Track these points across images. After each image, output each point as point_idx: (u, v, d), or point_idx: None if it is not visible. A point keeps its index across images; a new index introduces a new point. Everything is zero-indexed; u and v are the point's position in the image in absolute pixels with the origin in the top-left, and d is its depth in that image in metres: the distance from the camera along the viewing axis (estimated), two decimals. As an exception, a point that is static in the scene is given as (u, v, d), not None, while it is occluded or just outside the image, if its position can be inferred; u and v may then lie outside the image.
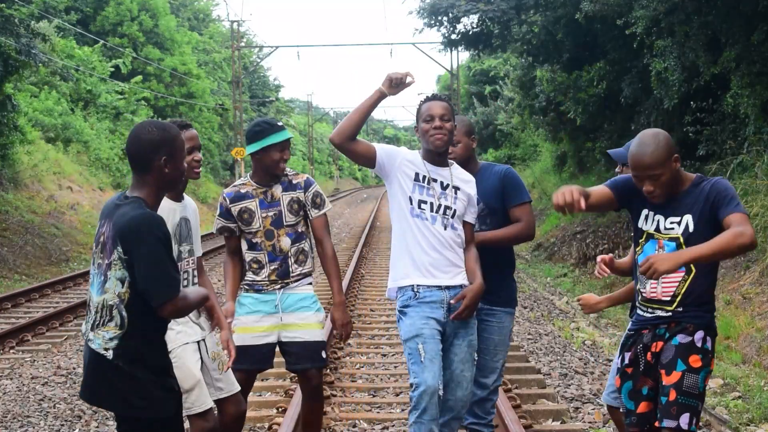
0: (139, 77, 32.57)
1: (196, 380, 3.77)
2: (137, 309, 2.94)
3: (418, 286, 3.88)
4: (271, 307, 4.48)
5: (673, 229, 3.38)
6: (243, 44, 42.86)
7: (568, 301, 11.93)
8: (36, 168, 21.40)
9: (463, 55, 42.69)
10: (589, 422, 5.79)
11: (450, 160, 4.06)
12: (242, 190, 4.51)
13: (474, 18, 18.98)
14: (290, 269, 4.48)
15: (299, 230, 4.52)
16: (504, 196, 4.24)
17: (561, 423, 5.78)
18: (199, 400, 3.75)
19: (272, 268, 4.47)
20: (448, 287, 3.87)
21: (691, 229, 3.33)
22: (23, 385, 7.33)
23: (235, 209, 4.49)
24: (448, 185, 3.95)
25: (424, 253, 3.89)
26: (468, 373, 3.89)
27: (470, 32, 19.30)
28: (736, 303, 8.86)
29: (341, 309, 4.53)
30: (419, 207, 3.90)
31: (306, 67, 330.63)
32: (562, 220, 19.15)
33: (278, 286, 4.48)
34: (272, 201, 4.47)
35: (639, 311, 3.47)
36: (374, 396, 6.59)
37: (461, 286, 3.90)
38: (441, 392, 3.78)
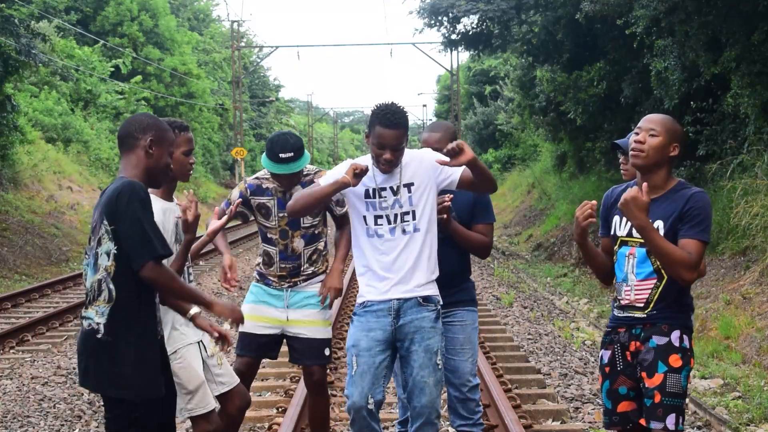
0: (139, 77, 32.60)
1: (201, 381, 3.77)
2: (124, 282, 3.00)
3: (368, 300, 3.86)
4: (279, 301, 4.50)
5: None
6: (243, 44, 42.86)
7: (568, 301, 11.93)
8: (36, 168, 21.40)
9: (463, 55, 42.69)
10: (589, 422, 5.79)
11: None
12: (264, 185, 4.48)
13: (474, 18, 18.99)
14: (301, 269, 4.49)
15: (315, 232, 4.50)
16: (474, 212, 4.26)
17: (561, 423, 5.78)
18: (203, 401, 3.76)
19: (282, 266, 4.48)
20: (398, 299, 3.80)
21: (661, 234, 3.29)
22: (23, 385, 7.32)
23: (254, 202, 4.49)
24: (398, 187, 3.78)
25: (381, 270, 3.81)
26: (430, 378, 3.75)
27: (470, 32, 19.31)
28: (736, 303, 8.86)
29: (335, 274, 4.47)
30: (375, 223, 3.79)
31: (306, 67, 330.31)
32: (562, 220, 19.15)
33: (287, 285, 4.50)
34: None
35: (615, 311, 3.48)
36: (374, 396, 6.57)
37: (417, 299, 3.81)
38: (371, 406, 3.73)
